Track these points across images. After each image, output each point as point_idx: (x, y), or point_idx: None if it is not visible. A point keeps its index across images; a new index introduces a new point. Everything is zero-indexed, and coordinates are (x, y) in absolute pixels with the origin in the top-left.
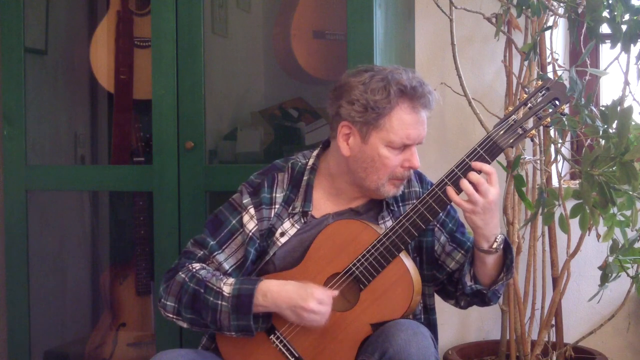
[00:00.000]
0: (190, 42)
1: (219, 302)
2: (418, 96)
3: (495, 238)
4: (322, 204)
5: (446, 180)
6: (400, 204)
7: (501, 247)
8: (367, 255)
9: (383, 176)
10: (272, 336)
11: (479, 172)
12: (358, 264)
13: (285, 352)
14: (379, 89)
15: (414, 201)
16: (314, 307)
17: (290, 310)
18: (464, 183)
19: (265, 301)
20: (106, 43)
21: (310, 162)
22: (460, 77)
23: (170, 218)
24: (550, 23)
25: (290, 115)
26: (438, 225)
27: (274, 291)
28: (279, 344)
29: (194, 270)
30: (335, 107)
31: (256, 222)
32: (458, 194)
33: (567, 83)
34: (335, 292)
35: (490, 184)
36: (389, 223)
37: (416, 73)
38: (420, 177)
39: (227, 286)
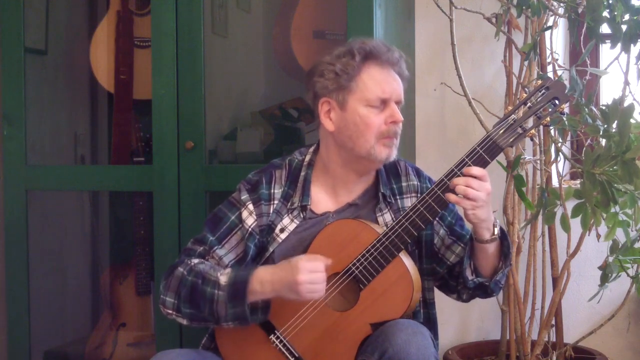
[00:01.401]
0: (190, 42)
1: (216, 291)
2: (383, 53)
3: (494, 224)
4: (321, 198)
5: (446, 180)
6: (398, 197)
7: (499, 232)
8: (367, 255)
9: (370, 137)
10: (272, 336)
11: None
12: (358, 264)
13: (285, 352)
14: (344, 54)
15: (412, 194)
16: (306, 277)
17: (288, 290)
18: (458, 188)
19: (262, 287)
20: (106, 43)
21: (307, 158)
22: (460, 77)
23: (170, 218)
24: (550, 23)
25: (290, 115)
26: (437, 219)
27: (268, 277)
28: (278, 344)
29: (192, 264)
30: (311, 88)
31: (255, 217)
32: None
33: (567, 83)
34: (328, 260)
35: (482, 181)
36: (387, 216)
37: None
38: (417, 172)
39: (223, 276)
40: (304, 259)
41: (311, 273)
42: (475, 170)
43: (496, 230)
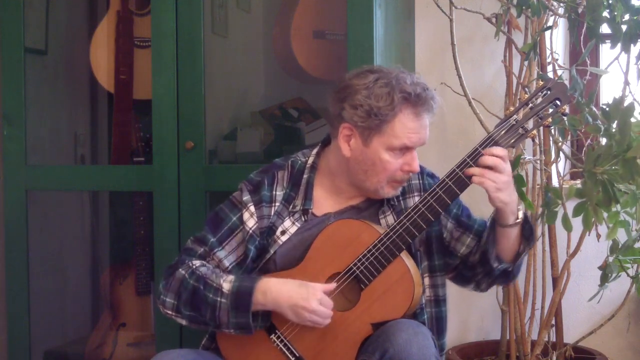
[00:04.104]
0: (190, 42)
1: (218, 298)
2: (422, 102)
3: (518, 208)
4: (323, 201)
5: (447, 180)
6: (401, 198)
7: (523, 216)
8: (368, 255)
9: (383, 179)
10: (272, 336)
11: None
12: (359, 264)
13: (285, 351)
14: (383, 95)
15: (415, 194)
16: (315, 307)
17: (291, 310)
18: (485, 161)
19: (265, 299)
20: (106, 43)
21: (310, 160)
22: (460, 77)
23: (170, 218)
24: (550, 23)
25: (290, 115)
26: (443, 213)
27: (274, 289)
28: (279, 344)
29: (194, 267)
30: (338, 108)
31: (256, 219)
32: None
33: (567, 83)
34: (334, 285)
35: (497, 168)
36: (390, 218)
37: (420, 77)
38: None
39: (226, 283)
40: (321, 288)
41: (322, 305)
42: (498, 150)
43: (520, 214)
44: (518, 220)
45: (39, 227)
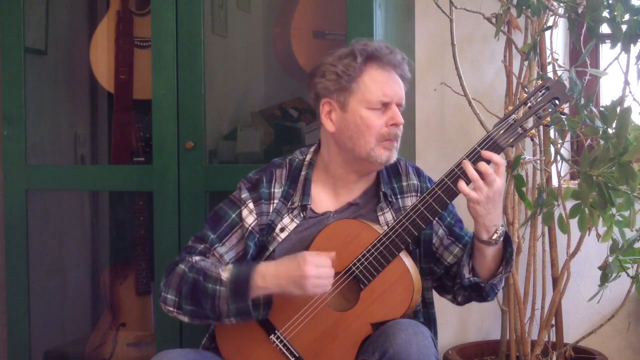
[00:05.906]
0: (190, 42)
1: (218, 287)
2: (385, 54)
3: (496, 229)
4: (321, 198)
5: (446, 179)
6: (399, 196)
7: (501, 239)
8: (367, 255)
9: (370, 139)
10: (272, 336)
11: (488, 161)
12: (358, 264)
13: (285, 351)
14: (346, 55)
15: (412, 194)
16: (313, 271)
17: (293, 284)
18: (473, 170)
19: (265, 282)
20: (106, 43)
21: (308, 157)
22: (460, 77)
23: (170, 218)
24: (550, 23)
25: (290, 115)
26: (436, 219)
27: (271, 272)
28: (279, 344)
29: (194, 261)
30: (313, 88)
31: (255, 216)
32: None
33: (567, 83)
34: (332, 254)
35: (497, 174)
36: (388, 215)
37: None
38: (417, 171)
39: (225, 272)
40: (310, 253)
41: (318, 267)
42: (496, 157)
43: (495, 236)
44: (492, 240)
45: (39, 227)
